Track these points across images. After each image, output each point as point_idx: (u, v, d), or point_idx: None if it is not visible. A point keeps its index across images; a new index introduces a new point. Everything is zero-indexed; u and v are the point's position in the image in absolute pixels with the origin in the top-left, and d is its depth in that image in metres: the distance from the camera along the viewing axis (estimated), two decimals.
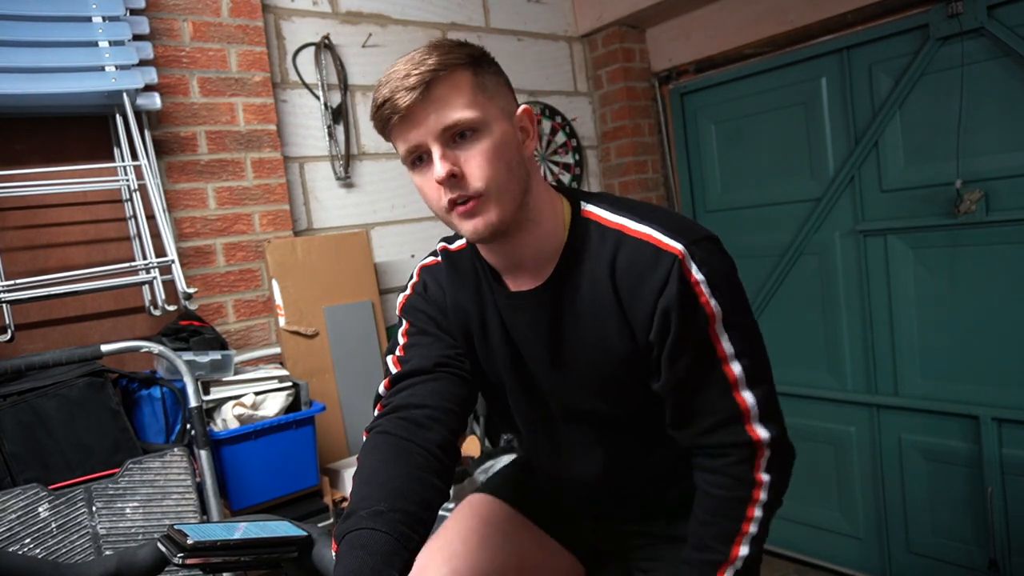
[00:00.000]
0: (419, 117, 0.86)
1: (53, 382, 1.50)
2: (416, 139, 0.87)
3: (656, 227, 0.92)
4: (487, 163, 0.87)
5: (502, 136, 0.89)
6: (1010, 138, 2.13)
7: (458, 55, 0.88)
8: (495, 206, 0.88)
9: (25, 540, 1.32)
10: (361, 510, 0.82)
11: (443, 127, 0.86)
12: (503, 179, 0.88)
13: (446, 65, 0.86)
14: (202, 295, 1.97)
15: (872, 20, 2.40)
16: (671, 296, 0.88)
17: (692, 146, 3.04)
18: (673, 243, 0.89)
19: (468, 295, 1.04)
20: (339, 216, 2.33)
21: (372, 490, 0.85)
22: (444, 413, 0.96)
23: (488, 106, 0.89)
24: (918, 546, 2.48)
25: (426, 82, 0.85)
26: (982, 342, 2.26)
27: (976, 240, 2.23)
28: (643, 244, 0.91)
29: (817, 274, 2.66)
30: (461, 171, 0.87)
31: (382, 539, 0.78)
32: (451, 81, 0.87)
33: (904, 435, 2.46)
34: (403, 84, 0.85)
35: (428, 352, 1.02)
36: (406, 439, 0.92)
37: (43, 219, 1.79)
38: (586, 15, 3.04)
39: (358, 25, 2.41)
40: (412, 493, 0.86)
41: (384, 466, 0.88)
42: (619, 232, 0.93)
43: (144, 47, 1.81)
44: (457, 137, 0.87)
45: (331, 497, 1.90)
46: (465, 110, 0.86)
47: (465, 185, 0.87)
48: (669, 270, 0.88)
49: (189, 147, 1.99)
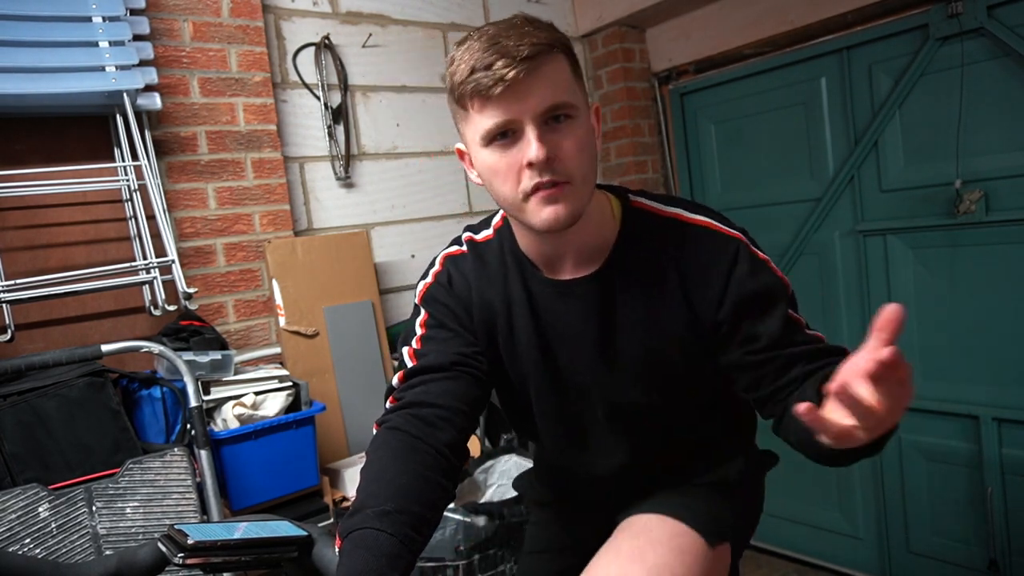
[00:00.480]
0: (522, 92, 0.82)
1: (53, 382, 1.50)
2: (512, 114, 0.83)
3: (711, 216, 0.96)
4: (580, 151, 0.86)
5: (588, 127, 0.89)
6: (1010, 138, 2.13)
7: (560, 36, 0.87)
8: (577, 196, 0.87)
9: (25, 540, 1.32)
10: (367, 508, 0.81)
11: (547, 107, 0.83)
12: (588, 169, 0.88)
13: (553, 44, 0.84)
14: (202, 295, 1.97)
15: (872, 20, 2.39)
16: (745, 272, 0.92)
17: (692, 146, 3.04)
18: (731, 230, 0.94)
19: (496, 289, 1.01)
20: (339, 216, 2.33)
21: (380, 488, 0.84)
22: (456, 413, 0.93)
23: (580, 94, 0.88)
24: (918, 546, 2.48)
25: (537, 56, 0.81)
26: (982, 342, 2.26)
27: (976, 240, 2.23)
28: (705, 231, 0.94)
29: (817, 274, 2.66)
30: (556, 154, 0.84)
31: (387, 541, 0.77)
32: (556, 62, 0.85)
33: (904, 435, 2.46)
34: (514, 53, 0.80)
35: (446, 348, 0.98)
36: (417, 437, 0.89)
37: (43, 219, 1.79)
38: (586, 15, 3.04)
39: (358, 25, 2.41)
40: (419, 493, 0.84)
41: (393, 463, 0.87)
42: (676, 220, 0.95)
43: (144, 47, 1.81)
44: (552, 120, 0.84)
45: (331, 497, 1.90)
46: (568, 94, 0.85)
47: (559, 170, 0.84)
48: (737, 250, 0.92)
49: (189, 147, 1.99)
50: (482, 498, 2.15)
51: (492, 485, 2.19)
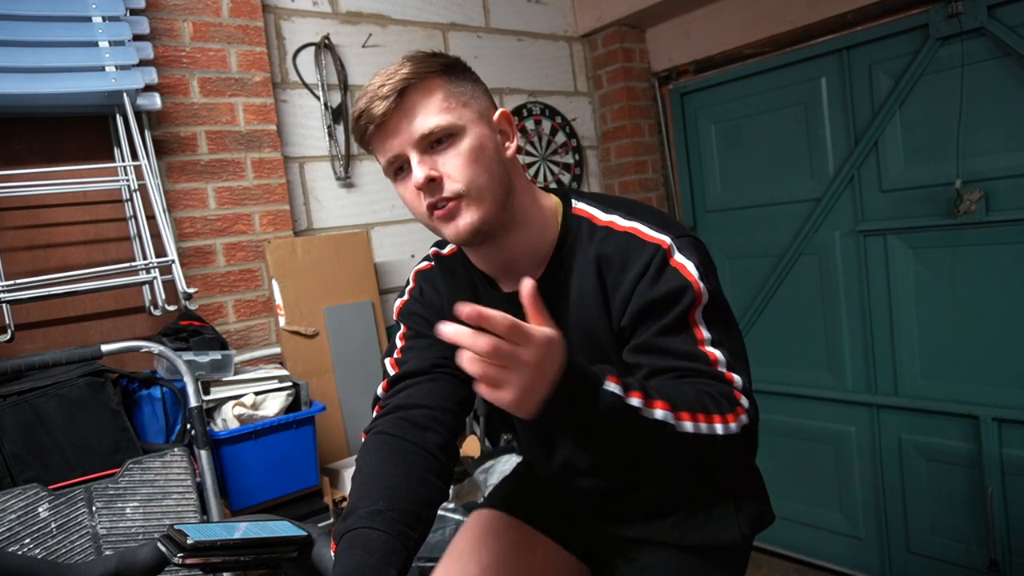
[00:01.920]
0: (395, 126, 0.89)
1: (53, 382, 1.50)
2: (395, 149, 0.90)
3: (644, 223, 0.94)
4: (465, 165, 0.89)
5: (479, 139, 0.91)
6: (1010, 138, 2.13)
7: (430, 64, 0.90)
8: (475, 208, 0.90)
9: (25, 540, 1.32)
10: (360, 509, 0.82)
11: (419, 135, 0.88)
12: (482, 180, 0.90)
13: (418, 74, 0.89)
14: (202, 295, 1.97)
15: (872, 20, 2.40)
16: (650, 278, 0.89)
17: (692, 146, 3.04)
18: (659, 235, 0.92)
19: (464, 297, 1.03)
20: (339, 216, 2.33)
21: (371, 490, 0.85)
22: (442, 412, 0.97)
23: (462, 111, 0.90)
24: (918, 546, 2.48)
25: (399, 90, 0.87)
26: (982, 342, 2.26)
27: (976, 240, 2.23)
28: (630, 236, 0.93)
29: (817, 274, 2.66)
30: (440, 174, 0.89)
31: (380, 538, 0.79)
32: (424, 88, 0.89)
33: (904, 435, 2.46)
34: (377, 94, 0.88)
35: (425, 354, 1.02)
36: (404, 439, 0.92)
37: (43, 219, 1.79)
38: (586, 15, 3.04)
39: (358, 25, 2.41)
40: (411, 492, 0.86)
41: (382, 466, 0.89)
42: (608, 228, 0.95)
43: (144, 47, 1.81)
44: (435, 144, 0.89)
45: (331, 497, 1.90)
46: (440, 115, 0.88)
47: (443, 187, 0.89)
48: (652, 256, 0.90)
49: (189, 147, 1.99)
50: (482, 498, 2.16)
51: (492, 485, 2.19)
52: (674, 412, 0.80)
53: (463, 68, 0.95)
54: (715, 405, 0.85)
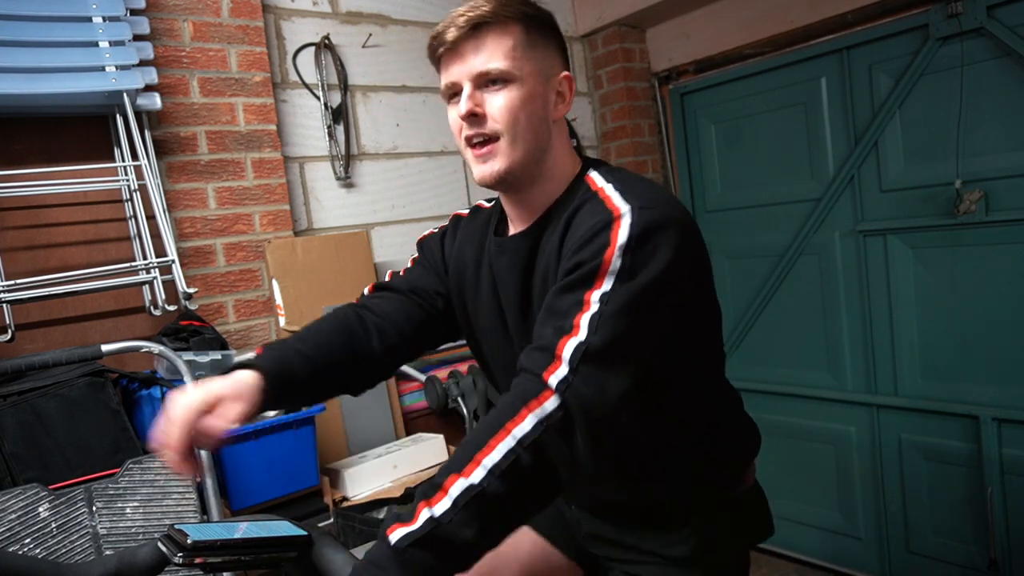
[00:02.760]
0: (461, 55, 0.93)
1: (53, 382, 1.50)
2: (453, 75, 0.94)
3: (624, 192, 0.88)
4: (508, 110, 0.92)
5: (531, 93, 0.94)
6: (1010, 138, 2.13)
7: (514, 9, 0.94)
8: (507, 154, 0.93)
9: (25, 540, 1.32)
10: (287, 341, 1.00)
11: (477, 71, 0.92)
12: (521, 128, 0.93)
13: (498, 15, 0.92)
14: (202, 295, 1.97)
15: (872, 20, 2.40)
16: (584, 240, 0.85)
17: (692, 146, 3.04)
18: (622, 203, 0.86)
19: (473, 248, 1.10)
20: (339, 216, 2.33)
21: (303, 334, 1.02)
22: (392, 326, 1.08)
23: (525, 63, 0.94)
24: (918, 546, 2.48)
25: (474, 24, 0.91)
26: (982, 342, 2.26)
27: (976, 240, 2.23)
28: (597, 200, 0.90)
29: (817, 274, 2.66)
30: (483, 112, 0.92)
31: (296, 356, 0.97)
32: (498, 30, 0.93)
33: (904, 435, 2.46)
34: (455, 21, 0.92)
35: (411, 278, 1.15)
36: (353, 325, 1.06)
37: (43, 219, 1.79)
38: (586, 15, 3.04)
39: (358, 25, 2.41)
40: (332, 348, 1.01)
41: (322, 325, 1.05)
42: (591, 191, 0.94)
43: (144, 47, 1.81)
44: (489, 83, 0.93)
45: (331, 497, 1.90)
46: (501, 60, 0.92)
47: (483, 123, 0.93)
48: (599, 220, 0.85)
49: (189, 147, 1.99)
50: None
51: None
52: (459, 472, 0.75)
53: (545, 23, 0.99)
54: (507, 410, 0.78)
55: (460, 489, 0.74)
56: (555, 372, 0.79)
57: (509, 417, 0.78)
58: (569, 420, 0.78)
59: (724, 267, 2.96)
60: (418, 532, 0.72)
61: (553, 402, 0.78)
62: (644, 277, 0.82)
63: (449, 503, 0.74)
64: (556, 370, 0.79)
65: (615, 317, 0.80)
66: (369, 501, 1.91)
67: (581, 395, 0.78)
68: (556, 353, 0.80)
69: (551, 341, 0.81)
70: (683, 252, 0.85)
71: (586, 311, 0.81)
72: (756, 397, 2.77)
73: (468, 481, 0.74)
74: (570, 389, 0.78)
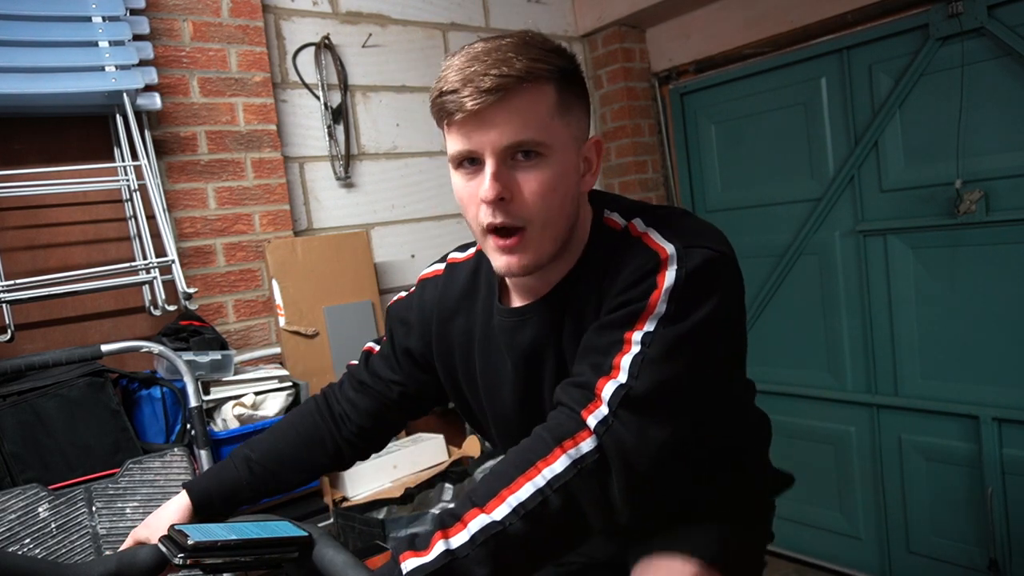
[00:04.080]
0: (485, 124, 0.77)
1: (53, 382, 1.50)
2: (473, 145, 0.79)
3: (663, 230, 0.82)
4: (542, 194, 0.79)
5: (565, 167, 0.81)
6: (1010, 138, 2.13)
7: (550, 65, 0.79)
8: (536, 246, 0.81)
9: (25, 540, 1.32)
10: (247, 448, 1.05)
11: (508, 144, 0.77)
12: (553, 215, 0.81)
13: (533, 75, 0.77)
14: (202, 295, 1.97)
15: (872, 20, 2.40)
16: (630, 283, 0.79)
17: (692, 146, 3.04)
18: (666, 244, 0.80)
19: (460, 319, 1.00)
20: (339, 216, 2.33)
21: (267, 440, 1.07)
22: (352, 423, 1.09)
23: (562, 131, 0.80)
24: (918, 546, 2.48)
25: (505, 88, 0.75)
26: (982, 342, 2.26)
27: (976, 240, 2.23)
28: (637, 242, 0.83)
29: (817, 274, 2.66)
30: (512, 196, 0.79)
31: (238, 476, 1.03)
32: (533, 94, 0.77)
33: (904, 435, 2.46)
34: (479, 83, 0.75)
35: (372, 364, 1.12)
36: (323, 418, 1.09)
37: (43, 219, 1.79)
38: (586, 15, 3.04)
39: (358, 25, 2.41)
40: (291, 459, 1.06)
41: (288, 425, 1.10)
42: (625, 232, 0.86)
43: (144, 47, 1.81)
44: (519, 155, 0.79)
45: (331, 497, 1.90)
46: (537, 131, 0.78)
47: (512, 212, 0.79)
48: (646, 262, 0.79)
49: (189, 147, 1.99)
50: None
51: None
52: (482, 507, 0.72)
53: (578, 77, 0.84)
54: (540, 447, 0.74)
55: (480, 525, 0.71)
56: (595, 412, 0.75)
57: (541, 456, 0.74)
58: (605, 465, 0.73)
59: None
60: (431, 565, 0.69)
61: (590, 443, 0.73)
62: (690, 321, 0.77)
63: (467, 537, 0.70)
64: (596, 410, 0.75)
65: (658, 362, 0.75)
66: (369, 501, 1.91)
67: (621, 440, 0.74)
68: (596, 392, 0.75)
69: (590, 379, 0.77)
70: (729, 292, 0.81)
71: (627, 351, 0.76)
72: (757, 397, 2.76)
73: (490, 518, 0.71)
74: (609, 432, 0.74)
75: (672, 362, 0.76)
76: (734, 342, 0.87)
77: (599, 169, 0.88)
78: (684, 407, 0.78)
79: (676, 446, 0.77)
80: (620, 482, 0.73)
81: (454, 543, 0.70)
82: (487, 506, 0.72)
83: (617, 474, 0.73)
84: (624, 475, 0.73)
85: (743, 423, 1.07)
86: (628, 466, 0.74)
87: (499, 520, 0.71)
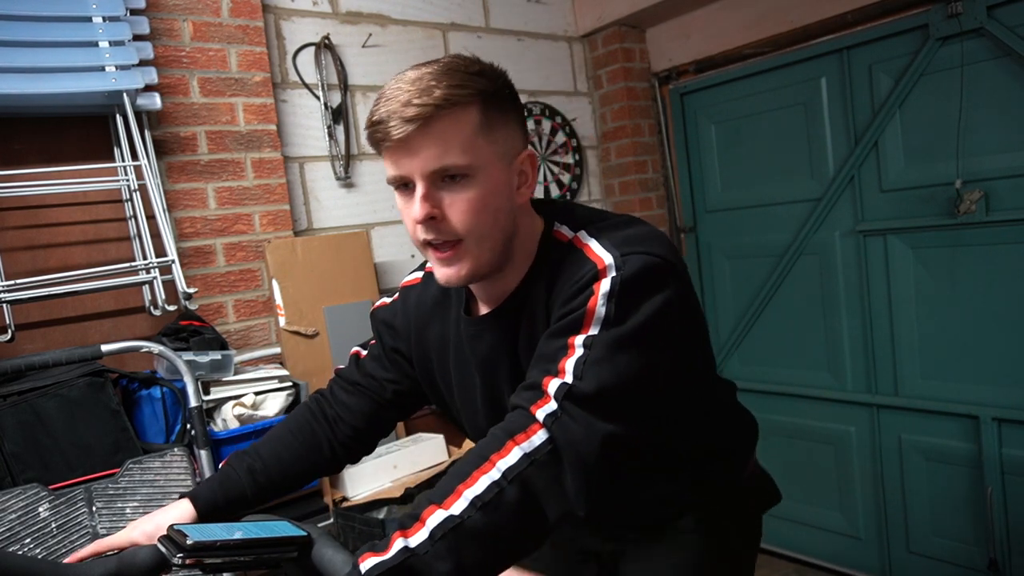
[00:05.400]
0: (411, 151, 0.82)
1: (53, 382, 1.50)
2: (403, 171, 0.84)
3: (604, 239, 0.86)
4: (470, 211, 0.83)
5: (494, 184, 0.84)
6: (1010, 138, 2.13)
7: (470, 88, 0.82)
8: (472, 256, 0.86)
9: (25, 540, 1.32)
10: (247, 455, 1.05)
11: (432, 169, 0.82)
12: (485, 229, 0.84)
13: (453, 100, 0.80)
14: (202, 295, 1.97)
15: (872, 20, 2.40)
16: (570, 296, 0.82)
17: (692, 146, 3.04)
18: (604, 253, 0.83)
19: (436, 326, 1.05)
20: (339, 216, 2.33)
21: (267, 444, 1.07)
22: (347, 424, 1.11)
23: (487, 150, 0.83)
24: (918, 546, 2.48)
25: (425, 117, 0.79)
26: (982, 342, 2.26)
27: (976, 240, 2.23)
28: (579, 254, 0.86)
29: (817, 274, 2.66)
30: (442, 214, 0.83)
31: (241, 482, 1.03)
32: (454, 119, 0.81)
33: (904, 435, 2.46)
34: (401, 113, 0.80)
35: (364, 365, 1.15)
36: (316, 420, 1.11)
37: (43, 219, 1.79)
38: (586, 15, 3.04)
39: (358, 25, 2.41)
40: (290, 462, 1.06)
41: (286, 430, 1.10)
42: (570, 244, 0.89)
43: (144, 47, 1.81)
44: (446, 178, 0.83)
45: (331, 497, 1.90)
46: (460, 155, 0.81)
47: (443, 230, 0.84)
48: (583, 275, 0.83)
49: (189, 147, 1.99)
50: None
51: None
52: (439, 503, 0.74)
53: (504, 94, 0.86)
54: (493, 443, 0.77)
55: (438, 520, 0.72)
56: (544, 407, 0.78)
57: (494, 449, 0.76)
58: (557, 456, 0.76)
59: (724, 267, 2.96)
60: (390, 562, 0.70)
61: (541, 436, 0.76)
62: (629, 325, 0.80)
63: (426, 534, 0.72)
64: (544, 405, 0.78)
65: (599, 363, 0.78)
66: (369, 501, 1.91)
67: (569, 431, 0.76)
68: (543, 389, 0.79)
69: (538, 379, 0.80)
70: (671, 295, 0.83)
71: (571, 355, 0.79)
72: (756, 397, 2.77)
73: (447, 512, 0.73)
74: (558, 423, 0.77)
75: (613, 363, 0.79)
76: (684, 343, 0.89)
77: (535, 182, 0.91)
78: (629, 405, 0.80)
79: (626, 440, 0.79)
80: (573, 472, 0.76)
81: (413, 541, 0.72)
82: (444, 502, 0.74)
83: (570, 465, 0.76)
84: (576, 466, 0.76)
85: (720, 422, 1.07)
86: (579, 456, 0.76)
87: (457, 514, 0.73)
